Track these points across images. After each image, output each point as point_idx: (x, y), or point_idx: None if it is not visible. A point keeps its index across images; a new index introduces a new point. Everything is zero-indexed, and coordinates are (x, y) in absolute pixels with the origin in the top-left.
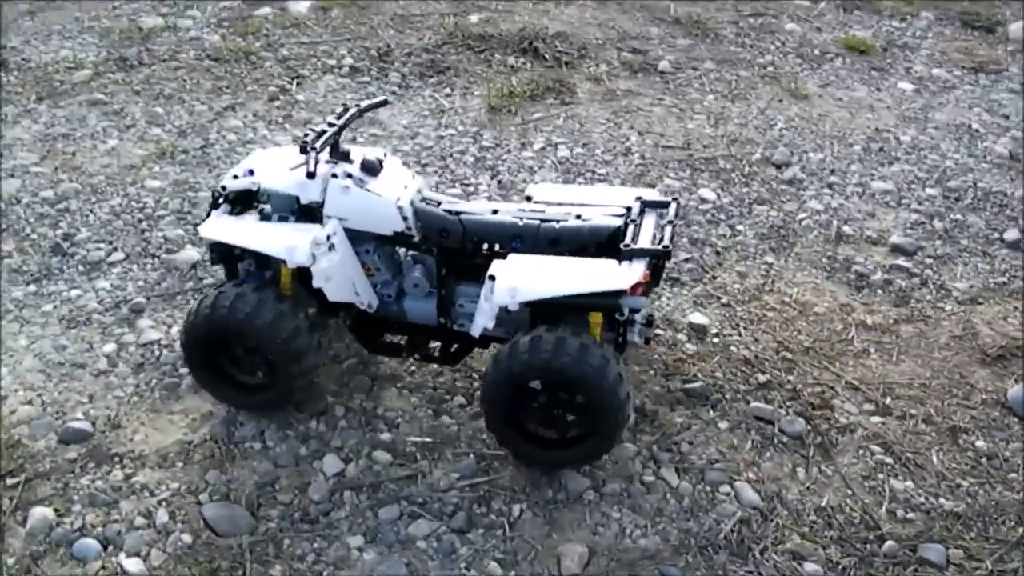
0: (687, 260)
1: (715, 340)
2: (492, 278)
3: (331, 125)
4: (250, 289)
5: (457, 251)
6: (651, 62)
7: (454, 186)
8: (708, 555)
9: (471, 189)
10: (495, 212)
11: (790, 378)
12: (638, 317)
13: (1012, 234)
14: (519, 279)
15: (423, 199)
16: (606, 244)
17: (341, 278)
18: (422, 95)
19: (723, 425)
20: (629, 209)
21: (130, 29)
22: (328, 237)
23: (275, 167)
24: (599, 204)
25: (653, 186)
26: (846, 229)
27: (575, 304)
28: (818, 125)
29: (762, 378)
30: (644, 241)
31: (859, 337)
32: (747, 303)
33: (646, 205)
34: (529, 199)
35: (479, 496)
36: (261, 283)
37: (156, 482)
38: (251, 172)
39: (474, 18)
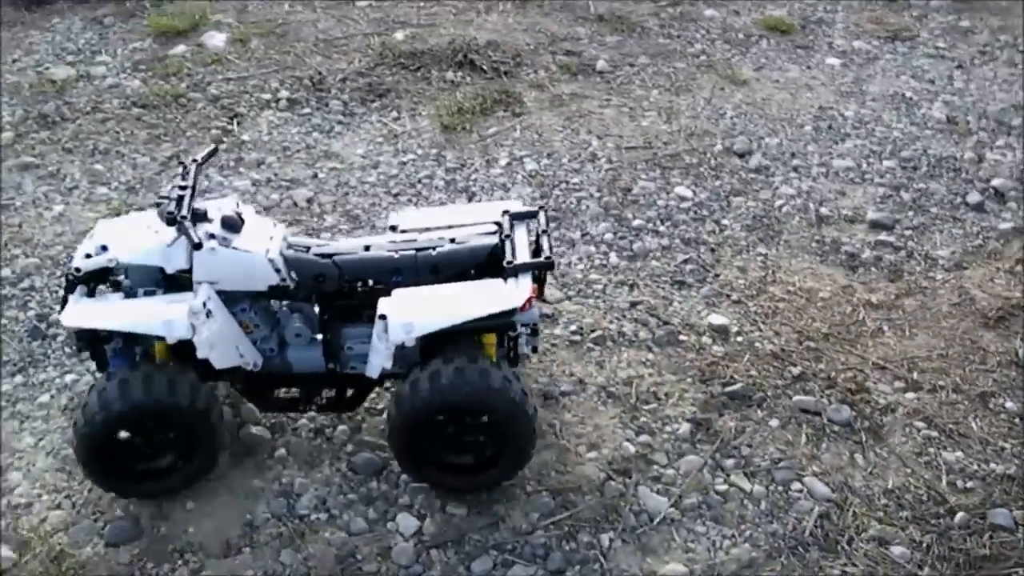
0: (686, 261)
1: (739, 339)
2: (383, 317)
3: (183, 188)
4: (153, 370)
5: (336, 294)
6: (588, 63)
7: None
8: (800, 554)
9: None
10: (368, 248)
11: (821, 367)
12: (523, 328)
13: (974, 197)
14: (411, 314)
15: (290, 246)
16: (485, 263)
17: (224, 343)
18: (369, 121)
19: (774, 423)
20: (500, 224)
21: (41, 83)
22: (204, 304)
23: (130, 239)
24: (469, 224)
25: (629, 189)
26: (823, 210)
27: (469, 328)
28: (764, 109)
29: (795, 370)
30: (523, 255)
31: (869, 317)
32: (756, 297)
33: (515, 218)
34: (394, 229)
35: (564, 532)
36: (159, 363)
37: (228, 573)
38: (104, 248)
39: (399, 35)
